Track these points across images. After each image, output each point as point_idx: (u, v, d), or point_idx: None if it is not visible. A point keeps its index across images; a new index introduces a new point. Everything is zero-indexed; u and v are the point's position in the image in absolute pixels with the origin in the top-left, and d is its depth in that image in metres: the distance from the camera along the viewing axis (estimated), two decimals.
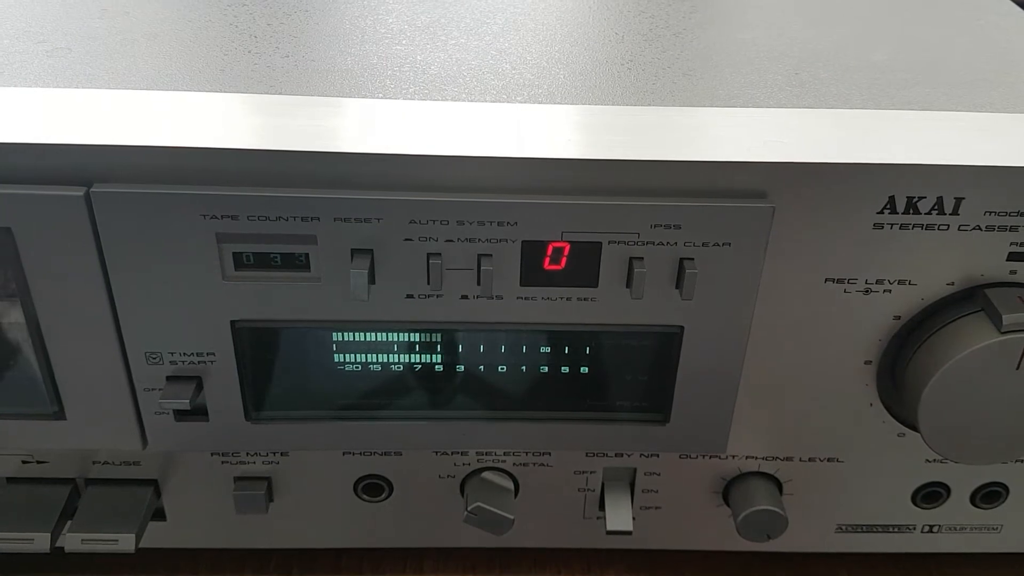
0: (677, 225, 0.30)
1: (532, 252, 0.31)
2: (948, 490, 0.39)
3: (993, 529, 0.41)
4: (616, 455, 0.38)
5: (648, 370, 0.35)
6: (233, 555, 0.42)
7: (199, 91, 0.33)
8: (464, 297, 0.32)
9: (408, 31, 0.41)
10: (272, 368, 0.34)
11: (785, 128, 0.32)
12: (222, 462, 0.37)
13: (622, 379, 0.35)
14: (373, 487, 0.39)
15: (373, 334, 0.33)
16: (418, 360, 0.34)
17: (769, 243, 0.31)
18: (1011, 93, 0.37)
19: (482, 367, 0.34)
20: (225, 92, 0.33)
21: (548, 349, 0.34)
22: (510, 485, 0.38)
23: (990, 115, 0.34)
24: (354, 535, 0.40)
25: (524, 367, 0.35)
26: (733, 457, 0.38)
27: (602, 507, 0.39)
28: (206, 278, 0.31)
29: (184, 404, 0.33)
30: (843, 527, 0.40)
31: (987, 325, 0.32)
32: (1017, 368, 0.32)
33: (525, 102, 0.34)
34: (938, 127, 0.33)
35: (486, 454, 0.38)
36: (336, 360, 0.34)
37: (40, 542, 0.35)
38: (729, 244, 0.31)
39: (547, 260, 0.31)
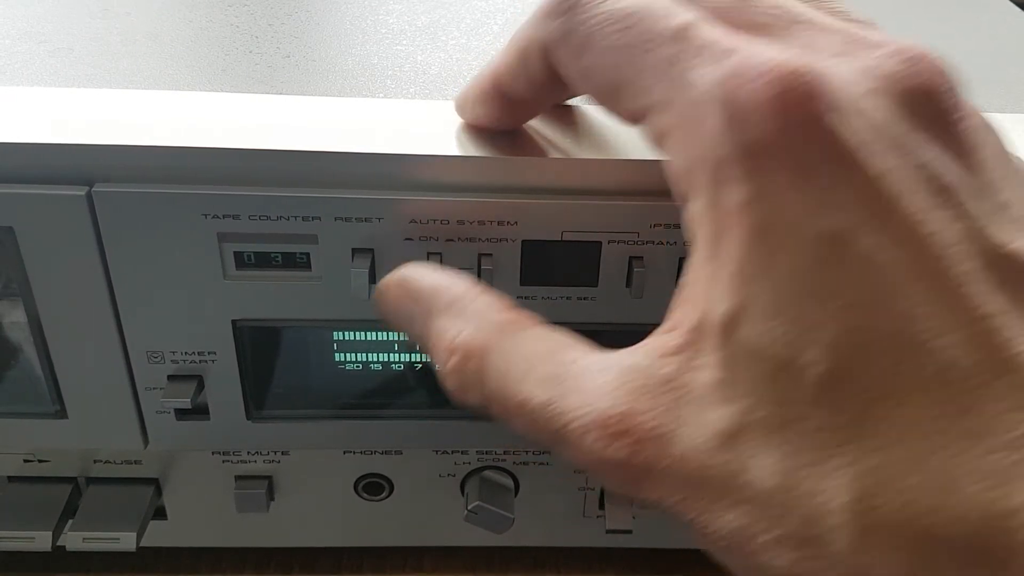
0: (677, 224, 0.30)
1: (532, 251, 0.31)
2: None
3: None
4: None
5: None
6: (234, 554, 0.42)
7: (200, 91, 0.33)
8: None
9: (408, 31, 0.41)
10: (273, 367, 0.34)
11: None
12: (223, 461, 0.38)
13: None
14: (374, 486, 0.39)
15: (374, 333, 0.34)
16: (419, 359, 0.34)
17: None
18: (1007, 92, 0.37)
19: None
20: (226, 92, 0.33)
21: None
22: (510, 484, 0.38)
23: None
24: (355, 534, 0.41)
25: None
26: None
27: (602, 506, 0.39)
28: (207, 277, 0.31)
29: (185, 403, 0.33)
30: None
31: None
32: None
33: None
34: None
35: (486, 453, 0.38)
36: (337, 359, 0.34)
37: (41, 541, 0.35)
38: None
39: (547, 259, 0.31)
